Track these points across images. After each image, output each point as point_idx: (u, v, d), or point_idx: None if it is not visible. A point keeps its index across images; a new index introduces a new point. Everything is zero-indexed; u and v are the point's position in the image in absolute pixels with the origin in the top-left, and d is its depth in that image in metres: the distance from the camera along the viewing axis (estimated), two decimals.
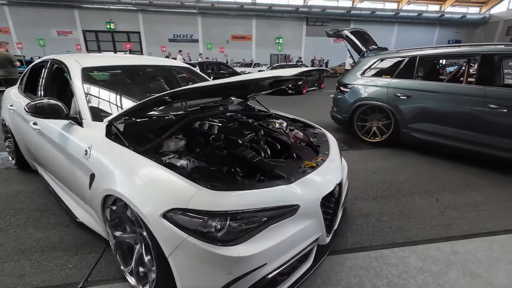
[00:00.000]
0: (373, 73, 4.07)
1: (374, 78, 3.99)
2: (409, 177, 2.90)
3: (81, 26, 23.46)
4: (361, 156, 3.57)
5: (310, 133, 2.25)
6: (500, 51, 3.02)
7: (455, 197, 2.49)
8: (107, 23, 23.39)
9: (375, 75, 4.03)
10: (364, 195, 2.52)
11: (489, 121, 2.96)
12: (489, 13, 25.54)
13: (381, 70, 4.00)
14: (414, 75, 3.63)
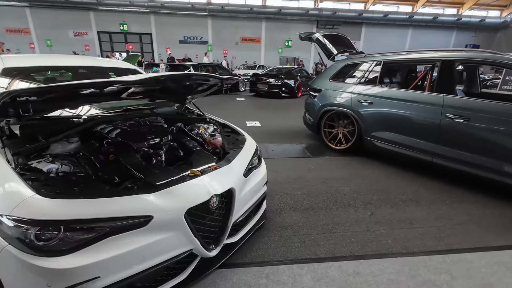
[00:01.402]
0: (340, 78, 3.93)
1: (341, 83, 3.85)
2: (357, 188, 2.76)
3: (96, 27, 24.40)
4: (319, 164, 3.44)
5: (231, 139, 2.19)
6: (459, 57, 2.82)
7: (393, 212, 2.33)
8: (120, 24, 24.24)
9: (342, 80, 3.89)
10: (297, 205, 2.42)
11: (446, 132, 2.77)
12: (510, 17, 24.19)
13: (348, 75, 3.85)
14: (378, 81, 3.47)
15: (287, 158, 3.64)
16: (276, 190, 2.68)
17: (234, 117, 6.17)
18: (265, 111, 7.18)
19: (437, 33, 25.79)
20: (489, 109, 2.52)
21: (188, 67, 9.29)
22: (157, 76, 1.37)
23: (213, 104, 8.16)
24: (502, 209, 2.41)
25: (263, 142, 4.29)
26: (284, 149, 4.01)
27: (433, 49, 3.21)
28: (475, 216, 2.29)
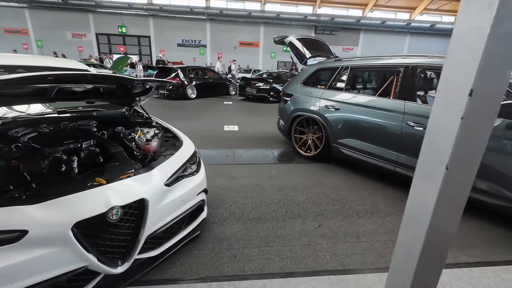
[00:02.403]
0: (311, 82, 3.83)
1: (312, 88, 3.75)
2: (314, 197, 2.64)
3: (95, 29, 24.53)
4: (283, 171, 3.32)
5: (169, 145, 2.08)
6: (420, 63, 2.71)
7: (342, 224, 2.20)
8: (119, 27, 24.39)
9: (313, 85, 3.79)
10: (243, 215, 2.30)
11: (407, 140, 2.66)
12: None
13: (319, 80, 3.75)
14: (344, 87, 3.36)
15: (253, 164, 3.52)
16: (226, 199, 2.56)
17: (214, 121, 6.09)
18: (248, 115, 7.08)
19: (435, 40, 25.81)
20: None
21: (176, 69, 9.23)
22: (39, 75, 1.25)
23: (199, 107, 8.09)
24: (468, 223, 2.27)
25: (234, 147, 4.18)
26: (253, 155, 3.89)
27: (402, 54, 3.11)
28: None
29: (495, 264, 1.80)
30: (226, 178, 3.03)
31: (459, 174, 0.82)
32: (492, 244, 2.02)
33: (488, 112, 0.77)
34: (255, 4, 26.43)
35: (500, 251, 1.94)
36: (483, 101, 0.75)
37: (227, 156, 3.76)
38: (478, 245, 2.00)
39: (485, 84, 0.73)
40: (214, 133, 5.00)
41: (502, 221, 2.28)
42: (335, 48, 25.78)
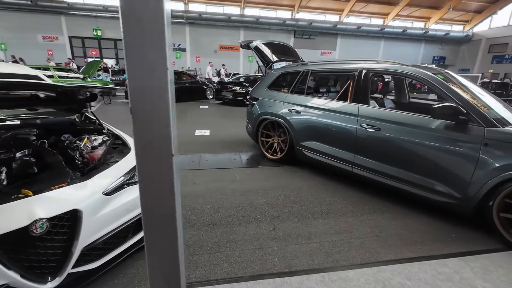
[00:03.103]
0: (276, 86, 3.89)
1: (276, 92, 3.81)
2: (273, 200, 2.66)
3: (68, 32, 23.59)
4: (247, 175, 3.33)
5: (116, 152, 2.03)
6: (371, 68, 2.83)
7: (297, 226, 2.24)
8: (94, 29, 23.60)
9: (277, 89, 3.85)
10: (198, 221, 2.27)
11: (361, 142, 2.76)
12: (472, 31, 25.89)
13: (283, 84, 3.82)
14: (305, 90, 3.45)
15: (218, 169, 3.50)
16: (184, 206, 2.52)
17: (186, 126, 6.01)
18: (222, 119, 7.07)
19: (408, 45, 27.10)
20: (395, 119, 2.53)
21: None
22: None
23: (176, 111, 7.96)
24: (407, 219, 2.38)
25: (202, 152, 4.14)
26: (220, 159, 3.88)
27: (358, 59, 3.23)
28: (377, 228, 2.24)
29: (434, 258, 1.89)
30: (188, 184, 2.99)
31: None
32: (434, 238, 2.13)
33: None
34: (234, 8, 26.57)
35: (439, 245, 2.05)
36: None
37: (193, 161, 3.72)
38: (421, 240, 2.10)
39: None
40: (183, 138, 4.93)
41: (444, 215, 2.42)
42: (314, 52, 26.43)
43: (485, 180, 2.03)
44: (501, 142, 1.98)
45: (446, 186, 2.26)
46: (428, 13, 25.69)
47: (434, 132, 2.28)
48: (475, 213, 2.17)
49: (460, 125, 2.17)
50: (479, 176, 2.06)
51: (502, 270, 1.79)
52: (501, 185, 1.98)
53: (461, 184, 2.17)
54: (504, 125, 2.08)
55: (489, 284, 1.67)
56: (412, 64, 2.70)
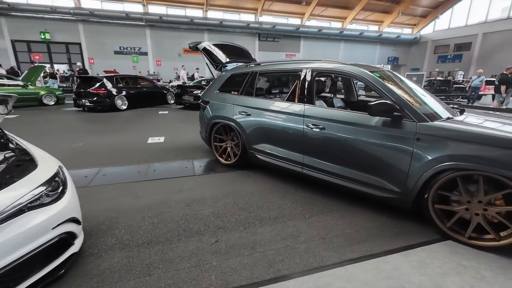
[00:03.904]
0: (226, 89, 3.75)
1: (227, 94, 3.67)
2: (220, 210, 2.50)
3: (10, 35, 21.30)
4: (197, 183, 3.13)
5: (17, 171, 1.72)
6: (315, 68, 2.82)
7: (242, 236, 2.11)
8: (41, 33, 21.58)
9: (228, 91, 3.72)
10: (132, 240, 2.03)
11: (308, 142, 2.72)
12: (419, 34, 28.35)
13: (233, 86, 3.70)
14: (254, 92, 3.36)
15: (166, 178, 3.25)
16: (119, 223, 2.26)
17: (140, 133, 5.62)
18: (180, 124, 6.76)
19: (365, 46, 28.82)
20: (338, 118, 2.53)
21: (101, 79, 8.40)
22: None
23: (128, 119, 7.45)
24: (355, 217, 2.38)
25: (152, 161, 3.85)
26: (170, 167, 3.63)
27: (303, 59, 3.22)
28: (325, 229, 2.20)
29: (376, 256, 1.88)
30: (129, 198, 2.72)
31: None
32: (378, 235, 2.14)
33: None
34: (197, 10, 26.11)
35: (382, 241, 2.05)
36: None
37: (139, 172, 3.43)
38: (365, 238, 2.09)
39: None
40: (134, 147, 4.58)
41: (390, 211, 2.46)
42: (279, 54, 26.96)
43: (420, 174, 2.08)
44: (431, 136, 2.04)
45: (386, 182, 2.29)
46: (381, 17, 27.59)
47: (373, 129, 2.31)
48: (414, 207, 2.21)
49: (395, 121, 2.21)
50: (414, 170, 2.11)
51: (437, 262, 1.83)
52: (434, 177, 2.04)
53: (399, 179, 2.21)
54: (435, 119, 2.15)
55: (425, 278, 1.68)
56: (352, 63, 2.74)
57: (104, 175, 3.32)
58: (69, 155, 4.04)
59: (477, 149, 1.86)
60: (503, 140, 1.81)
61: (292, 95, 3.03)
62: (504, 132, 1.91)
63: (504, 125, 2.17)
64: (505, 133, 1.87)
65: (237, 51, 4.58)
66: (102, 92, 8.13)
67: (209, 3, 25.16)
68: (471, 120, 2.27)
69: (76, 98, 8.51)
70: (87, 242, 2.00)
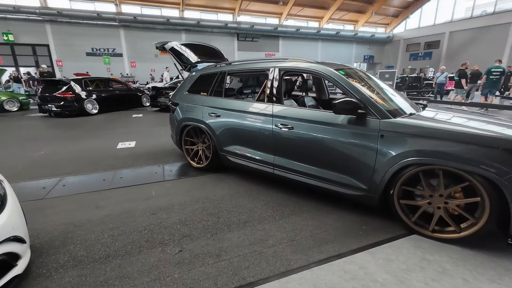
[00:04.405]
0: (196, 90, 3.63)
1: (196, 95, 3.56)
2: (188, 217, 2.39)
3: None
4: (167, 189, 3.00)
5: None
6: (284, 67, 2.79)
7: (208, 243, 2.01)
8: (3, 34, 20.18)
9: (197, 92, 3.60)
10: (88, 256, 1.88)
11: (278, 142, 2.68)
12: (392, 33, 29.49)
13: (202, 87, 3.59)
14: (223, 92, 3.27)
15: (133, 186, 3.08)
16: (75, 238, 2.09)
17: (110, 138, 5.35)
18: (154, 128, 6.52)
19: (342, 45, 29.55)
20: (305, 117, 2.50)
21: (68, 82, 7.94)
22: None
23: (98, 124, 7.09)
24: (325, 217, 2.36)
25: (120, 168, 3.65)
26: (138, 174, 3.45)
27: (271, 58, 3.17)
28: (294, 231, 2.16)
29: (343, 256, 1.86)
30: (89, 209, 2.54)
31: None
32: (347, 234, 2.12)
33: None
34: (173, 10, 25.53)
35: (351, 240, 2.04)
36: None
37: (104, 180, 3.23)
38: (334, 238, 2.07)
39: None
40: (102, 153, 4.33)
41: (360, 209, 2.46)
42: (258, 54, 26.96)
43: (385, 170, 2.09)
44: (393, 132, 2.06)
45: (354, 179, 2.29)
46: (356, 17, 28.40)
47: (339, 127, 2.30)
48: (381, 203, 2.23)
49: (359, 119, 2.21)
50: (380, 167, 2.11)
51: (402, 257, 1.84)
52: (398, 173, 2.06)
53: (366, 176, 2.21)
54: (397, 116, 2.17)
55: (389, 276, 1.68)
56: (319, 62, 2.72)
57: (64, 185, 3.09)
58: (27, 165, 3.73)
59: (435, 144, 1.89)
60: (458, 134, 1.86)
61: (262, 95, 2.98)
62: (460, 126, 1.96)
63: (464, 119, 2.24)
64: (460, 128, 1.92)
65: (209, 51, 4.46)
66: (70, 96, 7.67)
67: (186, 2, 24.70)
68: (431, 116, 2.32)
69: (41, 103, 7.98)
70: (35, 261, 1.82)
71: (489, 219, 1.80)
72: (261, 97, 2.91)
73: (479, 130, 1.87)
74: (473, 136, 1.81)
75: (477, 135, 1.81)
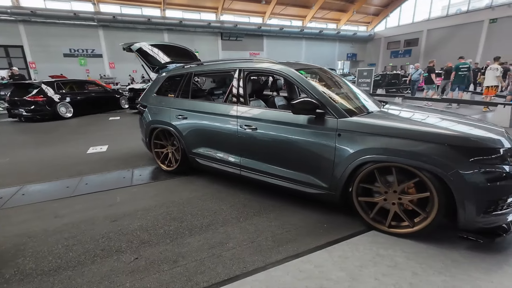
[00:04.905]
0: (164, 91, 3.57)
1: (164, 97, 3.49)
2: (150, 222, 2.34)
3: None
4: (133, 194, 2.93)
5: None
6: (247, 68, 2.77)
7: (167, 249, 1.98)
8: None
9: (165, 93, 3.54)
10: (36, 269, 1.80)
11: (243, 143, 2.67)
12: (373, 31, 30.15)
13: (170, 88, 3.53)
14: (190, 94, 3.23)
15: (98, 192, 2.99)
16: (26, 250, 2.00)
17: (81, 143, 5.17)
18: (129, 131, 6.37)
19: (325, 44, 29.91)
20: (268, 117, 2.50)
21: (39, 85, 7.62)
22: None
23: (71, 128, 6.85)
24: (290, 217, 2.37)
25: (87, 173, 3.54)
26: (106, 179, 3.35)
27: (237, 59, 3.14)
28: (256, 232, 2.15)
29: (301, 255, 1.87)
30: (47, 219, 2.44)
31: None
32: (308, 232, 2.14)
33: None
34: (154, 10, 25.03)
35: (310, 239, 2.06)
36: None
37: (67, 187, 3.11)
38: (295, 237, 2.08)
39: None
40: (71, 159, 4.18)
41: (322, 208, 2.49)
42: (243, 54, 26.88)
43: (343, 168, 2.12)
44: (349, 131, 2.09)
45: (315, 178, 2.31)
46: (338, 16, 28.83)
47: (300, 127, 2.31)
48: (342, 201, 2.26)
49: (319, 118, 2.23)
50: (338, 166, 2.14)
51: (357, 254, 1.87)
52: (355, 171, 2.09)
53: (326, 175, 2.23)
54: (354, 114, 2.21)
55: (343, 273, 1.70)
56: (283, 62, 2.73)
57: (23, 194, 2.96)
58: None
59: (387, 142, 1.93)
60: (406, 132, 1.91)
61: (228, 96, 2.96)
62: (409, 124, 2.01)
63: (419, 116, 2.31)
64: (408, 125, 1.97)
65: (182, 52, 4.40)
66: (41, 99, 7.36)
67: (167, 1, 24.30)
68: (388, 114, 2.37)
69: (11, 108, 7.62)
70: None
71: (438, 213, 1.86)
72: (227, 98, 2.88)
73: (427, 127, 1.93)
74: (420, 133, 1.87)
75: (423, 132, 1.86)
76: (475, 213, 1.75)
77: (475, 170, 1.71)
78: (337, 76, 3.11)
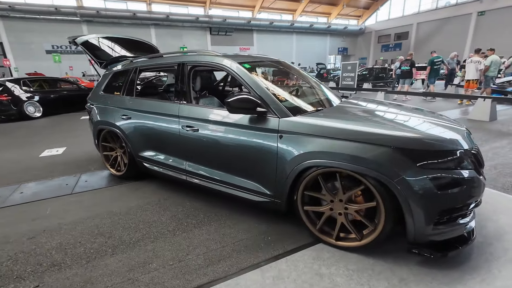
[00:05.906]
0: (110, 89, 3.25)
1: (110, 95, 3.18)
2: (73, 239, 2.06)
3: None
4: (68, 204, 2.63)
5: None
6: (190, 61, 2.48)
7: (77, 273, 1.70)
8: None
9: (111, 91, 3.23)
10: None
11: (186, 145, 2.40)
12: (364, 25, 29.91)
13: (117, 86, 3.22)
14: (134, 91, 2.93)
15: (32, 202, 2.69)
16: None
17: (38, 145, 4.82)
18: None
19: (316, 38, 29.59)
20: (209, 117, 2.23)
21: (2, 83, 7.19)
22: None
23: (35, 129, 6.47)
24: (231, 228, 2.11)
25: (29, 180, 3.22)
26: (45, 187, 3.04)
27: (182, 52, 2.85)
28: (187, 248, 1.89)
29: (229, 278, 1.61)
30: None
31: None
32: (246, 247, 1.88)
33: None
34: (140, 4, 24.33)
35: (246, 255, 1.80)
36: None
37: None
38: (230, 254, 1.82)
39: None
40: (17, 165, 3.85)
41: (270, 217, 2.24)
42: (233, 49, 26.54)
43: (286, 174, 1.86)
44: (289, 132, 1.83)
45: (259, 185, 2.05)
46: (329, 9, 28.48)
47: (241, 128, 2.04)
48: (289, 210, 2.01)
49: (260, 117, 1.96)
50: (281, 171, 1.89)
51: (294, 274, 1.62)
52: (298, 177, 1.84)
53: (270, 181, 1.98)
54: (298, 113, 1.94)
55: None
56: (228, 55, 2.44)
57: None
58: None
59: (329, 144, 1.68)
60: (348, 132, 1.65)
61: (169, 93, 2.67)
62: (354, 123, 1.75)
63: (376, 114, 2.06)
64: (352, 125, 1.71)
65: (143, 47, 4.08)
66: (5, 98, 6.94)
67: None
68: (338, 111, 2.12)
69: None
70: None
71: (386, 224, 1.62)
72: (171, 95, 2.59)
73: (372, 127, 1.67)
74: (362, 134, 1.61)
75: (366, 133, 1.61)
76: (424, 224, 1.51)
77: (423, 176, 1.47)
78: (295, 70, 2.84)
